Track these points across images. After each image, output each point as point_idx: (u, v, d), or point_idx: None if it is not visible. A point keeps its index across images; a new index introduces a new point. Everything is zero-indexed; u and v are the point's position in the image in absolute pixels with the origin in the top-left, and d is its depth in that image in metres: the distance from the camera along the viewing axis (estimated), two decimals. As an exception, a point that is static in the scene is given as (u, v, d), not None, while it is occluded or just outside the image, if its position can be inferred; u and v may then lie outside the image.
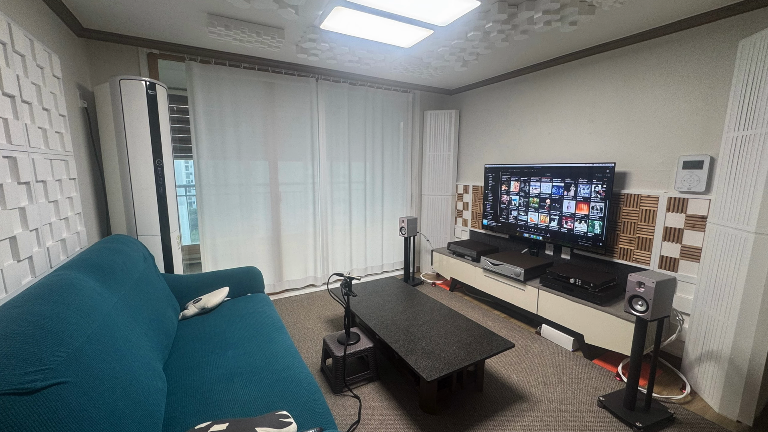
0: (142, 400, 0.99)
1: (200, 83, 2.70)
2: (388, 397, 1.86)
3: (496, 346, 1.78)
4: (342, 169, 3.50)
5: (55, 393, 0.75)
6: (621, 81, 2.38)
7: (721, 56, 1.92)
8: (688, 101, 2.06)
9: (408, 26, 2.11)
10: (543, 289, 2.49)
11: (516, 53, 2.66)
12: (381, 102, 3.59)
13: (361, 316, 2.14)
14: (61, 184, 1.70)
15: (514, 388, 1.93)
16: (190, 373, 1.38)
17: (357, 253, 3.74)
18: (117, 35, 2.34)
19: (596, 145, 2.56)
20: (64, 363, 0.82)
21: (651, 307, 1.53)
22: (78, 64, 2.17)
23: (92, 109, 2.28)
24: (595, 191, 2.43)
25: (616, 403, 1.76)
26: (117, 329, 1.12)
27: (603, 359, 2.24)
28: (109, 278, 1.37)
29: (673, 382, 2.01)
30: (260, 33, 2.24)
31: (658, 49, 2.18)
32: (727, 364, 1.72)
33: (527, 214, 2.96)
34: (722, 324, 1.75)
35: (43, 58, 1.60)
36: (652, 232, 2.23)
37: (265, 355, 1.49)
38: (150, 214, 2.16)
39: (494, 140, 3.44)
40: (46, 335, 0.84)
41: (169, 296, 1.85)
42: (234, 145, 2.91)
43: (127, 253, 1.65)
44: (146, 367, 1.14)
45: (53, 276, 1.17)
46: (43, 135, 1.57)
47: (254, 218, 3.09)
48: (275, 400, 1.21)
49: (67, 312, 0.97)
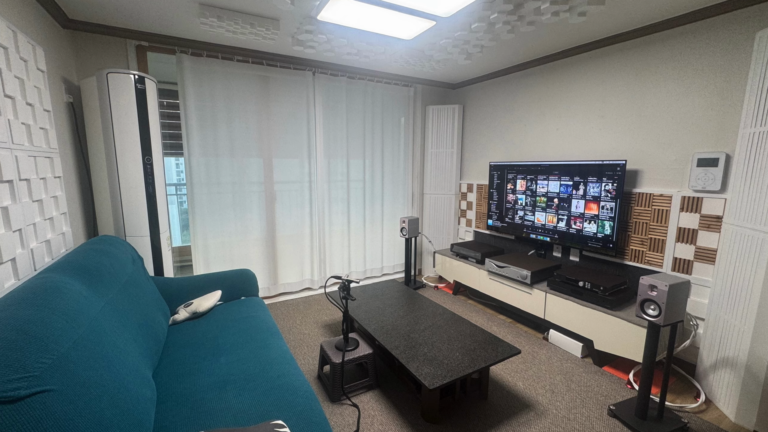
0: (130, 409, 0.99)
1: (191, 77, 2.70)
2: (389, 405, 1.86)
3: (501, 352, 1.78)
4: (340, 167, 3.50)
5: (40, 401, 0.75)
6: (632, 74, 2.38)
7: (737, 48, 1.92)
8: (703, 96, 2.06)
9: (409, 17, 2.11)
10: (551, 293, 2.49)
11: (522, 45, 2.66)
12: (381, 96, 3.59)
13: (359, 321, 2.14)
14: (46, 183, 1.70)
15: (521, 397, 1.94)
16: (181, 380, 1.38)
17: (356, 255, 3.74)
18: (104, 26, 2.34)
19: (606, 141, 2.56)
20: (49, 370, 0.82)
21: (664, 311, 1.53)
22: (63, 56, 2.17)
23: (78, 104, 2.28)
24: (605, 190, 2.43)
25: (627, 412, 1.76)
26: (104, 335, 1.12)
27: (613, 366, 2.24)
28: (96, 281, 1.37)
29: (687, 390, 2.02)
30: (254, 24, 2.24)
31: (671, 41, 2.18)
32: (743, 371, 1.72)
33: (534, 214, 2.96)
34: (738, 329, 1.75)
35: (26, 51, 1.60)
36: (665, 232, 2.23)
37: (259, 362, 1.49)
38: (139, 214, 2.16)
39: (499, 136, 3.44)
40: (29, 341, 0.84)
41: (159, 300, 1.86)
42: (227, 141, 2.91)
43: (114, 255, 1.66)
44: (135, 375, 1.14)
45: (37, 279, 1.17)
46: (27, 131, 1.57)
47: (248, 218, 3.10)
48: (270, 408, 1.21)
49: (52, 317, 0.97)
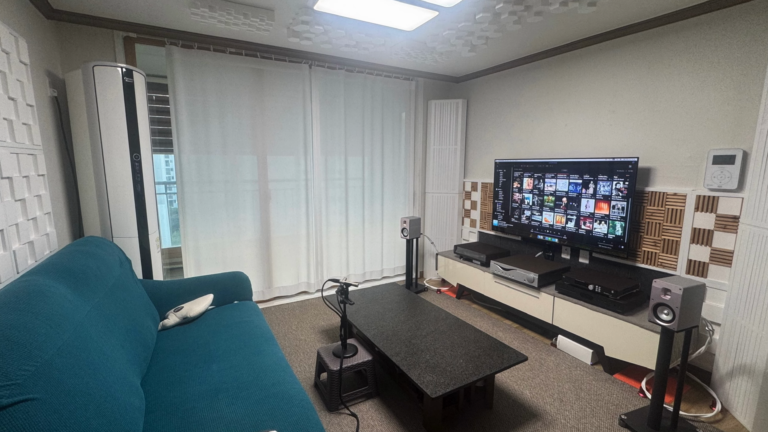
0: (117, 419, 0.99)
1: (182, 70, 2.70)
2: (389, 415, 1.86)
3: (507, 359, 1.78)
4: (338, 165, 3.50)
5: (22, 411, 0.75)
6: (645, 67, 2.38)
7: (754, 40, 1.92)
8: (719, 90, 2.06)
9: (410, 7, 2.11)
10: (559, 297, 2.49)
11: (529, 37, 2.66)
12: (381, 90, 3.59)
13: (358, 327, 2.14)
14: (29, 181, 1.70)
15: (527, 406, 1.94)
16: (171, 388, 1.38)
17: (354, 257, 3.74)
18: (90, 17, 2.34)
19: (617, 138, 2.56)
20: (32, 378, 0.81)
21: (678, 316, 1.53)
22: (47, 48, 2.17)
23: (63, 99, 2.28)
24: (616, 189, 2.43)
25: (639, 421, 1.76)
26: (90, 341, 1.12)
27: (625, 374, 2.24)
28: (81, 285, 1.37)
29: (702, 399, 2.01)
30: (248, 15, 2.24)
31: (685, 32, 2.18)
32: (761, 379, 1.72)
33: (541, 214, 2.96)
34: (756, 334, 1.75)
35: (8, 42, 1.60)
36: (679, 233, 2.23)
37: (253, 369, 1.49)
38: (126, 214, 2.16)
39: (505, 132, 3.44)
40: (12, 347, 0.84)
41: (148, 304, 1.85)
42: (219, 138, 2.91)
43: (101, 257, 1.65)
44: (122, 382, 1.14)
45: (20, 282, 1.17)
46: (9, 127, 1.57)
47: (241, 218, 3.10)
48: (264, 418, 1.21)
49: (36, 322, 0.96)
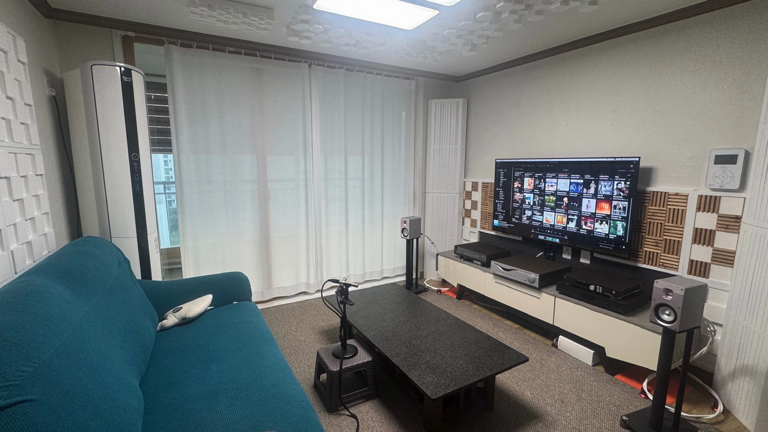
0: (116, 420, 0.99)
1: (181, 69, 2.70)
2: (389, 416, 1.87)
3: (508, 360, 1.78)
4: (337, 165, 3.50)
5: (20, 412, 0.76)
6: (646, 67, 2.38)
7: (757, 39, 1.92)
8: (721, 89, 2.06)
9: (410, 5, 2.11)
10: (560, 297, 2.49)
11: (530, 36, 2.66)
12: (381, 90, 3.59)
13: (358, 327, 2.14)
14: (27, 181, 1.70)
15: (528, 407, 1.94)
16: (170, 389, 1.38)
17: (354, 257, 3.74)
18: (89, 16, 2.34)
19: (619, 137, 2.56)
20: (30, 379, 0.82)
21: (679, 316, 1.53)
22: (46, 47, 2.17)
23: (61, 98, 2.28)
24: (617, 189, 2.43)
25: (640, 422, 1.76)
26: (89, 341, 1.12)
27: (626, 374, 2.24)
28: (79, 285, 1.37)
29: (704, 400, 2.02)
30: (247, 13, 2.24)
31: (687, 31, 2.18)
32: (763, 380, 1.72)
33: (542, 214, 2.96)
34: (758, 335, 1.75)
35: (6, 41, 1.60)
36: (681, 233, 2.23)
37: (252, 370, 1.49)
38: (125, 214, 2.16)
39: (506, 132, 3.44)
40: (10, 348, 0.84)
41: (147, 305, 1.86)
42: (218, 137, 2.91)
43: (99, 257, 1.66)
44: (121, 383, 1.14)
45: (18, 282, 1.17)
46: (7, 126, 1.57)
47: (240, 218, 3.10)
48: (263, 419, 1.21)
49: (34, 322, 0.97)
